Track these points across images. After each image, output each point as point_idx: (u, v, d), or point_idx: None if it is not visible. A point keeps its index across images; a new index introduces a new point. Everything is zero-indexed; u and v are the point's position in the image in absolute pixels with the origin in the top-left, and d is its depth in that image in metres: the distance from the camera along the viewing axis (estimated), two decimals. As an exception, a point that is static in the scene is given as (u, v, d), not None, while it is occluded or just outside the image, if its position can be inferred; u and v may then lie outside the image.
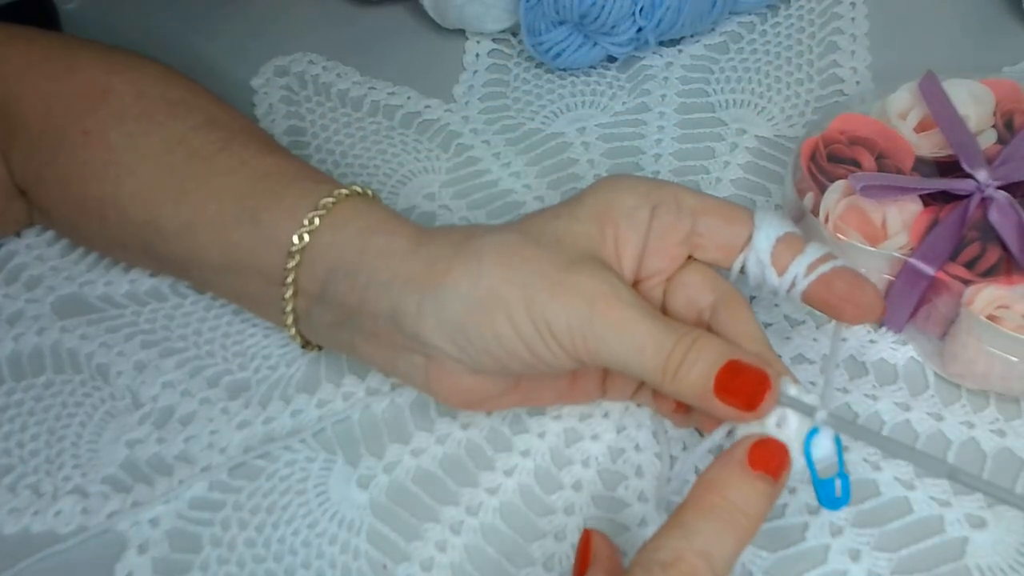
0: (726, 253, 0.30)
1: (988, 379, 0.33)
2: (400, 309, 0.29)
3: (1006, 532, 0.30)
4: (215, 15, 0.52)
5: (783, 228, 0.29)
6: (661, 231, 0.30)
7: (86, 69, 0.36)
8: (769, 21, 0.48)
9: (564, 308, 0.27)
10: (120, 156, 0.34)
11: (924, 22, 0.47)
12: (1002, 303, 0.32)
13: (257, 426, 0.35)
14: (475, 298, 0.28)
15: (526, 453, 0.34)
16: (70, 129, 0.35)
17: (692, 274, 0.31)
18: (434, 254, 0.29)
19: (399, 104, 0.46)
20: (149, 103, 0.35)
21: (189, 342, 0.38)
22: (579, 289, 0.27)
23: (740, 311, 0.30)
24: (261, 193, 0.32)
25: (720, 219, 0.30)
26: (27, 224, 0.41)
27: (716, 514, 0.25)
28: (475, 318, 0.28)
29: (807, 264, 0.29)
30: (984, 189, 0.34)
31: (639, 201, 0.29)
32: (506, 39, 0.49)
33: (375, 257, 0.30)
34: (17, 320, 0.39)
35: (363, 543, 0.32)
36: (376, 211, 0.32)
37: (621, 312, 0.27)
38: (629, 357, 0.27)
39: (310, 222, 0.31)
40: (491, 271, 0.28)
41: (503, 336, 0.28)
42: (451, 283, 0.28)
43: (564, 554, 0.31)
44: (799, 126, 0.43)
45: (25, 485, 0.34)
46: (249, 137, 0.35)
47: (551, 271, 0.28)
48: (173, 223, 0.33)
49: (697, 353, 0.26)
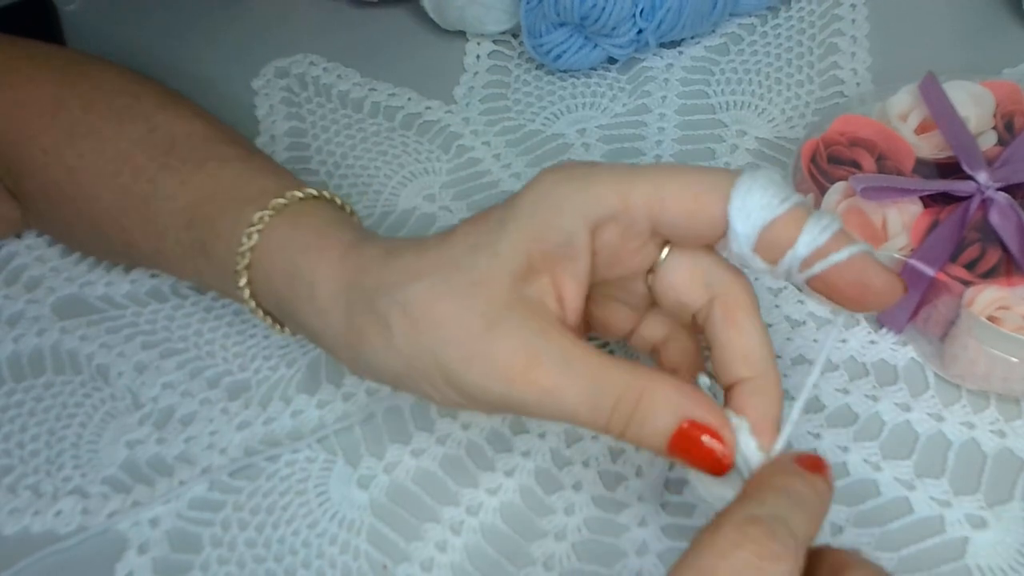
0: (704, 241, 0.25)
1: (988, 380, 0.33)
2: (339, 358, 0.29)
3: (1006, 532, 0.30)
4: (216, 16, 0.52)
5: (769, 210, 0.24)
6: (611, 245, 0.25)
7: (41, 83, 0.36)
8: (769, 23, 0.48)
9: (483, 382, 0.25)
10: (80, 176, 0.34)
11: (924, 24, 0.47)
12: (1002, 304, 0.32)
13: (257, 427, 0.35)
14: (395, 369, 0.26)
15: (526, 454, 0.34)
16: (30, 147, 0.35)
17: (677, 269, 0.26)
18: (351, 307, 0.27)
19: (400, 105, 0.46)
20: (95, 116, 0.35)
21: (189, 343, 0.38)
22: (494, 364, 0.24)
23: (738, 321, 0.26)
24: (201, 223, 0.32)
25: (681, 212, 0.24)
26: (22, 228, 0.41)
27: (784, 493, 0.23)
28: (403, 383, 0.27)
29: (800, 260, 0.24)
30: (984, 191, 0.34)
31: (574, 226, 0.25)
32: (506, 41, 0.49)
33: (304, 305, 0.29)
34: (17, 321, 0.39)
35: (363, 543, 0.32)
36: (298, 237, 0.30)
37: (542, 383, 0.24)
38: (566, 419, 0.25)
39: (242, 257, 0.30)
40: (402, 341, 0.26)
41: (432, 397, 0.27)
42: (369, 348, 0.27)
43: (564, 554, 0.31)
44: (799, 128, 0.43)
45: (25, 485, 0.34)
46: (187, 144, 0.34)
47: (464, 338, 0.25)
48: (146, 246, 0.34)
49: (644, 415, 0.24)
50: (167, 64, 0.40)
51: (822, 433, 0.33)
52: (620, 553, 0.31)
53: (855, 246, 0.24)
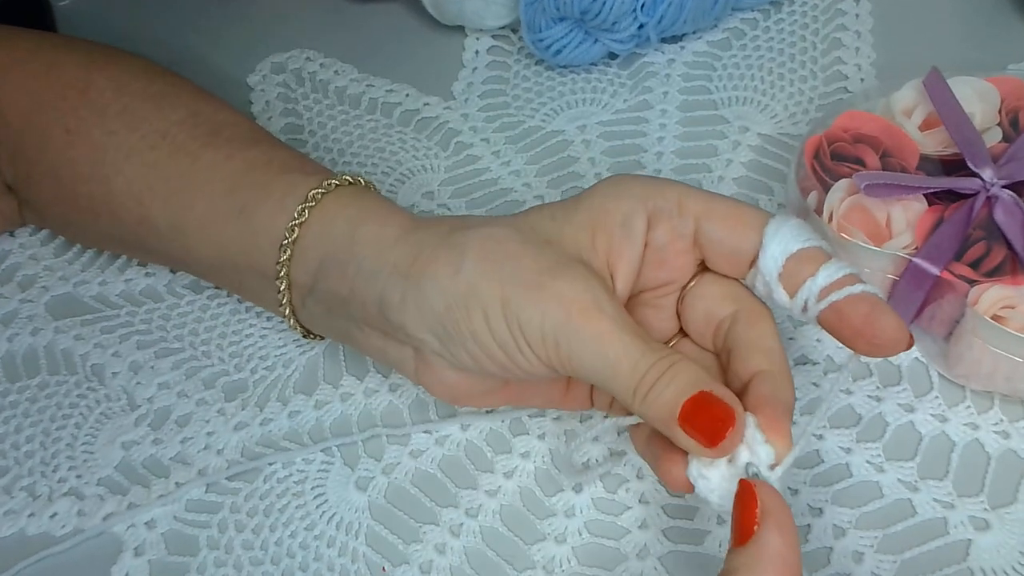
0: (735, 263, 0.28)
1: (993, 380, 0.33)
2: (386, 298, 0.28)
3: (1009, 535, 0.30)
4: (211, 11, 0.51)
5: (798, 242, 0.26)
6: (661, 240, 0.28)
7: (67, 66, 0.35)
8: (772, 17, 0.48)
9: (540, 313, 0.26)
10: (105, 155, 0.34)
11: (929, 19, 0.47)
12: (1007, 303, 0.32)
13: (254, 428, 0.35)
14: (454, 292, 0.27)
15: (526, 455, 0.33)
16: (53, 128, 0.34)
17: (710, 285, 0.29)
18: (421, 243, 0.28)
19: (397, 101, 0.46)
20: (130, 98, 0.35)
21: (185, 343, 0.37)
22: (558, 295, 0.26)
23: (760, 325, 0.27)
24: (249, 186, 0.32)
25: (724, 226, 0.27)
26: (17, 224, 0.41)
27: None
28: (453, 313, 0.27)
29: (819, 288, 0.26)
30: (989, 188, 0.34)
31: (635, 207, 0.28)
32: (506, 36, 0.48)
33: (364, 246, 0.29)
34: (11, 320, 0.39)
35: (362, 546, 0.32)
36: (367, 200, 0.31)
37: (598, 324, 0.26)
38: (602, 372, 0.26)
39: (299, 215, 0.30)
40: (472, 265, 0.27)
41: (478, 334, 0.27)
42: (432, 274, 0.27)
43: (565, 557, 0.31)
44: (803, 124, 0.43)
45: (21, 487, 0.34)
46: (235, 129, 0.34)
47: (533, 272, 0.27)
48: (163, 221, 0.33)
49: (670, 378, 0.25)
50: (161, 59, 0.40)
51: (825, 434, 0.33)
52: (621, 556, 0.31)
53: (869, 287, 0.26)
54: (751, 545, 0.23)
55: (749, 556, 0.23)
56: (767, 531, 0.23)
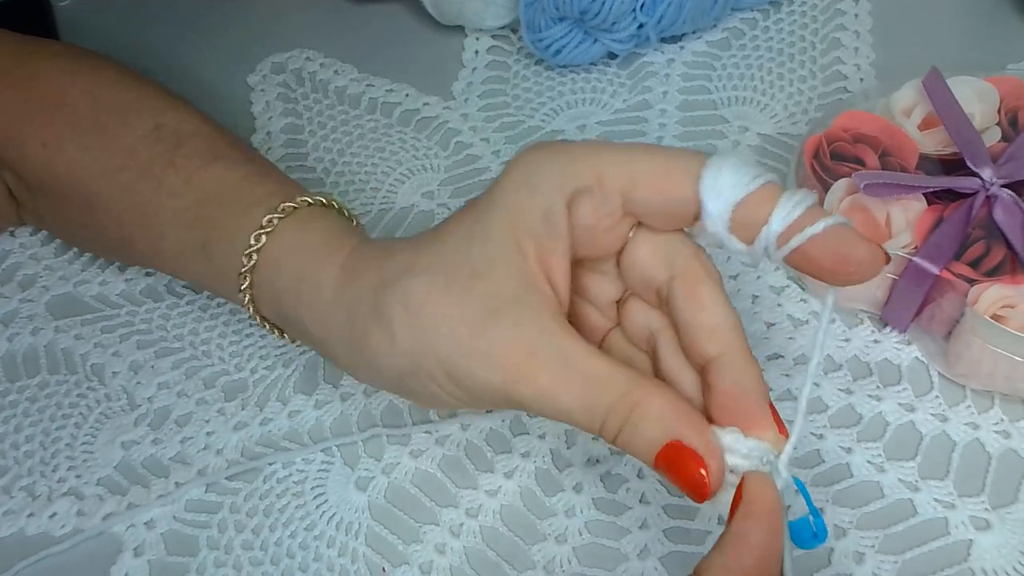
0: (675, 222, 0.25)
1: (993, 379, 0.33)
2: (339, 361, 0.29)
3: (1011, 535, 0.30)
4: (211, 12, 0.51)
5: (740, 188, 0.23)
6: (585, 222, 0.25)
7: (48, 78, 0.35)
8: (771, 17, 0.48)
9: (483, 377, 0.25)
10: (82, 172, 0.34)
11: (928, 19, 0.47)
12: (1007, 302, 0.32)
13: (254, 427, 0.35)
14: (397, 368, 0.27)
15: (526, 455, 0.33)
16: (30, 141, 0.35)
17: (641, 246, 0.26)
18: (351, 309, 0.28)
19: (397, 101, 0.46)
20: (102, 111, 0.35)
21: (185, 342, 0.37)
22: (492, 358, 0.25)
23: (700, 291, 0.25)
24: (205, 222, 0.32)
25: (653, 190, 0.24)
26: (16, 223, 0.41)
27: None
28: (405, 382, 0.27)
29: (776, 236, 0.23)
30: (989, 187, 0.34)
31: (552, 199, 0.25)
32: (505, 36, 0.48)
33: (308, 310, 0.29)
34: (12, 320, 0.39)
35: (361, 546, 0.32)
36: (307, 239, 0.30)
37: (539, 382, 0.24)
38: (562, 420, 0.25)
39: (248, 259, 0.30)
40: (403, 338, 0.26)
41: (435, 395, 0.27)
42: (371, 351, 0.27)
43: (565, 557, 0.31)
44: (802, 123, 0.43)
45: (20, 487, 0.34)
46: (194, 143, 0.34)
47: (463, 334, 0.25)
48: (144, 246, 0.34)
49: (635, 426, 0.24)
50: (162, 60, 0.40)
51: (825, 434, 0.33)
52: (621, 556, 0.31)
53: (831, 218, 0.23)
54: (725, 533, 0.23)
55: (722, 543, 0.23)
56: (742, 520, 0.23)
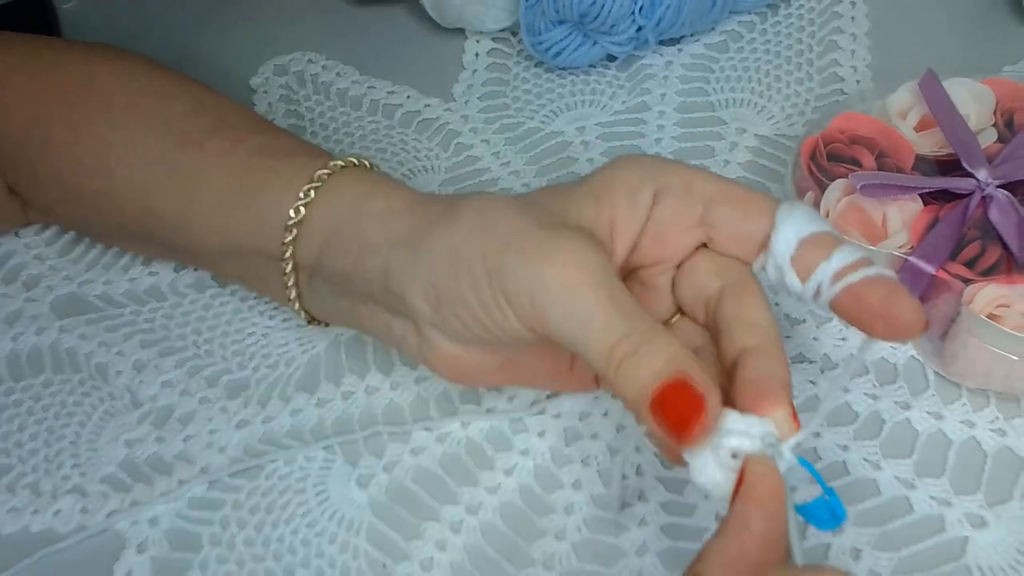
0: (743, 247, 0.27)
1: (988, 378, 0.33)
2: (388, 268, 0.29)
3: (1007, 532, 0.30)
4: (214, 14, 0.51)
5: (809, 227, 0.26)
6: (664, 217, 0.27)
7: (69, 65, 0.36)
8: (769, 20, 0.48)
9: (520, 264, 0.25)
10: (110, 147, 0.34)
11: (924, 21, 0.47)
12: (1002, 302, 0.32)
13: (256, 425, 0.35)
14: (443, 254, 0.27)
15: (525, 452, 0.34)
16: (56, 124, 0.35)
17: (701, 260, 0.28)
18: (424, 214, 0.29)
19: (398, 103, 0.46)
20: (135, 91, 0.35)
21: (188, 341, 0.38)
22: (542, 247, 0.26)
23: (748, 297, 0.27)
24: (255, 170, 0.32)
25: (735, 210, 0.27)
26: (22, 224, 0.41)
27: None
28: (443, 276, 0.27)
29: (833, 272, 0.25)
30: (984, 188, 0.34)
31: (643, 180, 0.27)
32: (506, 38, 0.49)
33: (369, 220, 0.30)
34: (16, 320, 0.39)
35: (363, 542, 0.32)
36: (372, 177, 0.31)
37: (579, 278, 0.25)
38: (576, 334, 0.25)
39: (305, 195, 0.30)
40: (464, 229, 0.27)
41: (464, 295, 0.27)
42: (429, 241, 0.28)
43: (564, 553, 0.31)
44: (799, 125, 0.43)
45: (24, 484, 0.34)
46: (239, 117, 0.34)
47: (523, 232, 0.26)
48: (170, 211, 0.33)
49: (648, 353, 0.24)
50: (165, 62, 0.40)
51: (822, 432, 0.33)
52: (620, 552, 0.31)
53: (885, 270, 0.25)
54: (727, 518, 0.23)
55: (724, 527, 0.23)
56: (742, 503, 0.23)
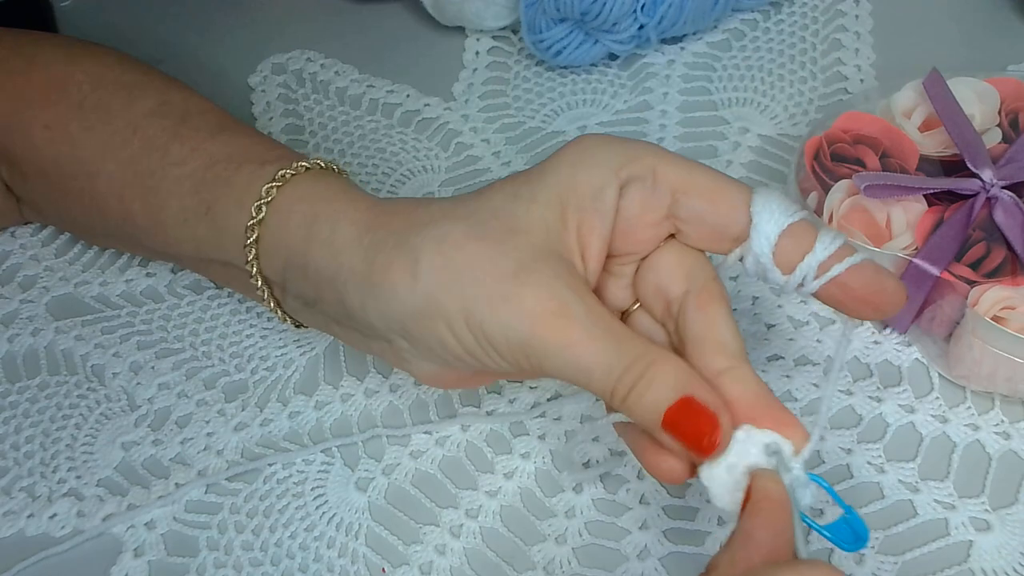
0: (715, 240, 0.26)
1: (993, 381, 0.33)
2: (346, 302, 0.28)
3: (1011, 536, 0.30)
4: (212, 12, 0.51)
5: (787, 217, 0.25)
6: (631, 211, 0.26)
7: (47, 63, 0.36)
8: (772, 18, 0.48)
9: (504, 325, 0.25)
10: (84, 151, 0.34)
11: (929, 20, 0.47)
12: (1007, 304, 0.32)
13: (254, 428, 0.35)
14: (413, 304, 0.26)
15: (526, 456, 0.33)
16: (32, 124, 0.35)
17: (666, 255, 0.27)
18: (376, 245, 0.27)
19: (398, 102, 0.46)
20: (105, 91, 0.35)
21: (185, 343, 0.37)
22: (521, 306, 0.25)
23: (713, 307, 0.26)
24: (212, 183, 0.32)
25: (705, 201, 0.26)
26: (17, 222, 0.41)
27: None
28: (416, 323, 0.27)
29: (818, 263, 0.25)
30: (989, 188, 0.34)
31: (607, 178, 0.26)
32: (506, 36, 0.48)
33: (320, 248, 0.29)
34: (12, 321, 0.39)
35: (361, 546, 0.32)
36: (321, 191, 0.30)
37: (566, 333, 0.25)
38: (575, 379, 0.25)
39: (256, 212, 0.30)
40: (428, 276, 0.26)
41: (445, 342, 0.26)
42: (390, 284, 0.27)
43: (565, 558, 0.31)
44: (802, 125, 0.43)
45: (20, 488, 0.34)
46: (201, 118, 0.34)
47: (493, 280, 0.25)
48: (143, 220, 0.33)
49: (648, 382, 0.24)
50: (162, 60, 0.40)
51: (826, 435, 0.33)
52: (621, 557, 0.31)
53: (863, 254, 0.25)
54: (734, 532, 0.23)
55: (731, 542, 0.23)
56: (748, 520, 0.23)
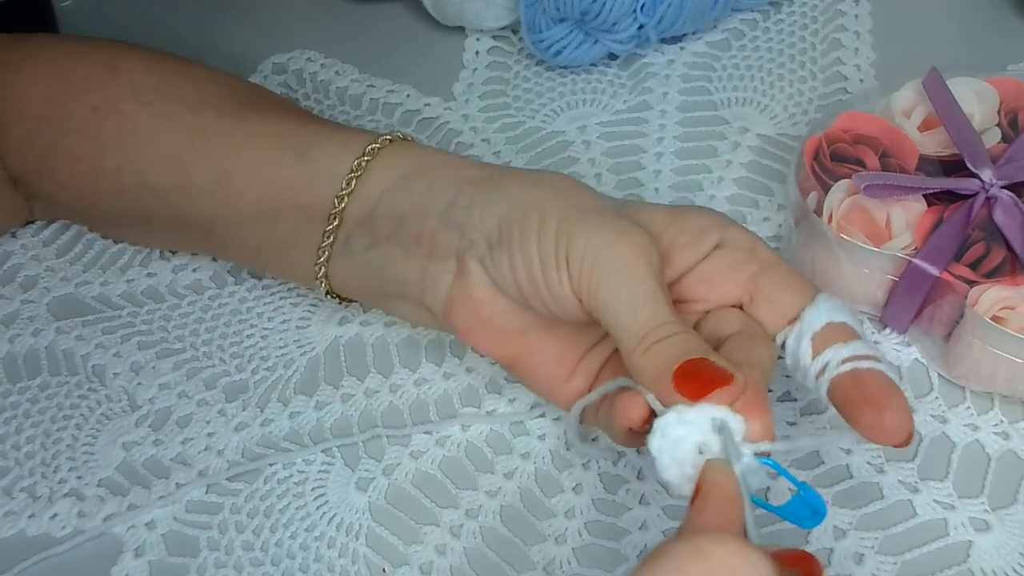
0: (775, 315, 0.29)
1: (993, 381, 0.33)
2: (456, 201, 0.30)
3: (1010, 536, 0.30)
4: (213, 12, 0.51)
5: (840, 315, 0.27)
6: (721, 263, 0.29)
7: (88, 54, 0.36)
8: (772, 18, 0.48)
9: (589, 234, 0.27)
10: (137, 125, 0.34)
11: (928, 20, 0.47)
12: (1007, 304, 0.32)
13: (255, 428, 0.35)
14: (521, 199, 0.29)
15: (526, 455, 0.33)
16: (76, 108, 0.35)
17: (728, 315, 0.29)
18: (498, 168, 0.31)
19: (398, 102, 0.46)
20: (165, 74, 0.35)
21: (186, 343, 0.37)
22: (614, 227, 0.28)
23: (756, 343, 0.28)
24: (307, 134, 0.33)
25: (783, 281, 0.29)
26: (24, 219, 0.41)
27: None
28: (514, 217, 0.29)
29: (846, 355, 0.26)
30: (989, 188, 0.34)
31: (714, 226, 0.29)
32: (506, 36, 0.48)
33: (440, 168, 0.31)
34: (13, 321, 0.39)
35: (362, 547, 0.32)
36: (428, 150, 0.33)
37: (641, 265, 0.27)
38: (623, 307, 0.27)
39: (368, 153, 0.32)
40: (544, 187, 0.29)
41: (526, 239, 0.28)
42: (507, 186, 0.30)
43: (565, 558, 0.31)
44: (802, 124, 0.43)
45: (21, 488, 0.34)
46: (276, 100, 0.35)
47: (601, 208, 0.29)
48: (206, 175, 0.34)
49: (677, 342, 0.26)
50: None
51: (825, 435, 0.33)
52: (621, 558, 0.31)
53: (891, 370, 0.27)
54: (684, 522, 0.24)
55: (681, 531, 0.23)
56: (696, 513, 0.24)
